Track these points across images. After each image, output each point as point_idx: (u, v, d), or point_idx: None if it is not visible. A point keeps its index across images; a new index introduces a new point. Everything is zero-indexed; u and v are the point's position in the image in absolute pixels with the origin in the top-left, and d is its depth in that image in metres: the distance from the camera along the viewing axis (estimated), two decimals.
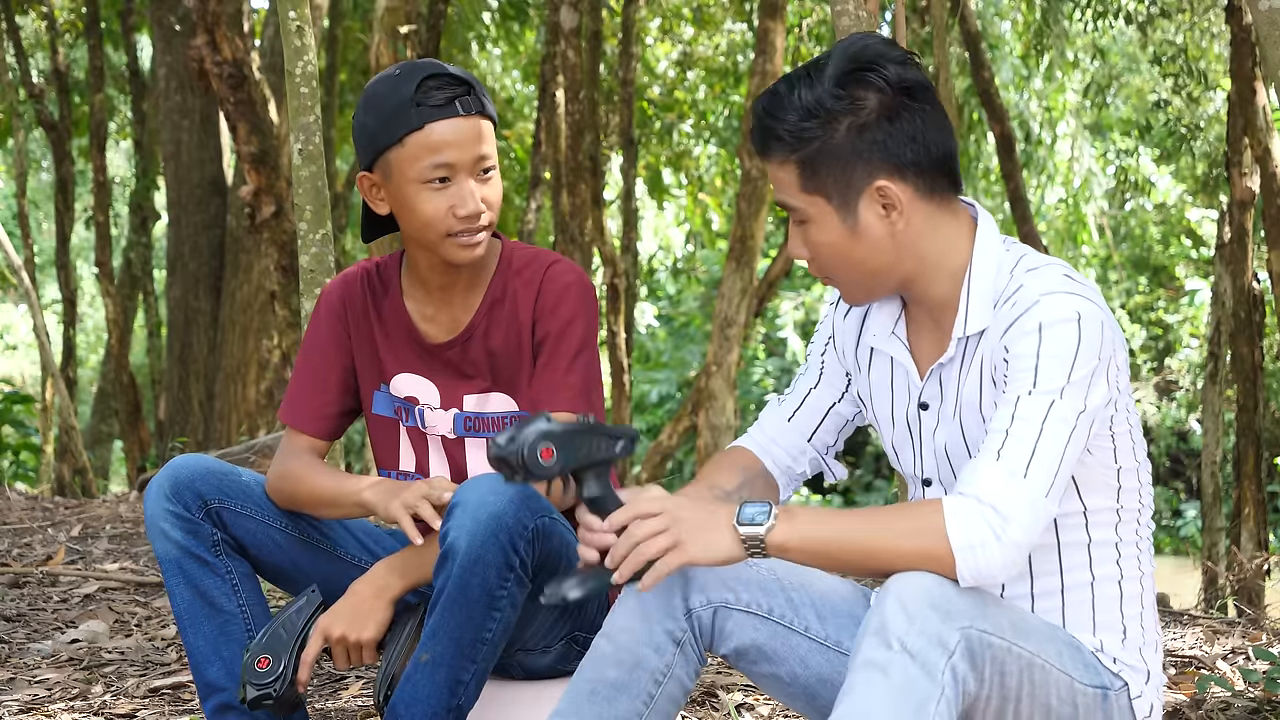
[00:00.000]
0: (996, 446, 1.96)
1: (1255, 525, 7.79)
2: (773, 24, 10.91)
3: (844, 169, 2.04)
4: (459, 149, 2.45)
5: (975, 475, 1.95)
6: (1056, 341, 1.97)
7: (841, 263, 2.10)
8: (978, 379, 2.09)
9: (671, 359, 22.12)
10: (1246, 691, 3.08)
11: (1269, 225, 7.19)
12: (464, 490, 2.32)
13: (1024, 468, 1.94)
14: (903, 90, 2.04)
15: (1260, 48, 3.06)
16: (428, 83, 2.45)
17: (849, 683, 1.88)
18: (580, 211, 10.57)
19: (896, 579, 1.92)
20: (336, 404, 2.66)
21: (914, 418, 2.19)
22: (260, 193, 7.94)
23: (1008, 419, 1.97)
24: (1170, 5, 10.75)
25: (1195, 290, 19.33)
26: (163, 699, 3.35)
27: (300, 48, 3.79)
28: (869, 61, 2.04)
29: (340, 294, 2.67)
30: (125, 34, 12.76)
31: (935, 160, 2.06)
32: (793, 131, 2.05)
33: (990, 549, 1.91)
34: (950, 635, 1.87)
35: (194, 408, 10.85)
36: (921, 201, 2.07)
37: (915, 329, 2.20)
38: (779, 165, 2.08)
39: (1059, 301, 1.99)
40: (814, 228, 2.09)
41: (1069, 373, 1.97)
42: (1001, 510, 1.92)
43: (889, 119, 2.04)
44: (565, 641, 2.57)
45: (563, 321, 2.54)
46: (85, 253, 19.76)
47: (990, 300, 2.07)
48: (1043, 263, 2.07)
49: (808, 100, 2.04)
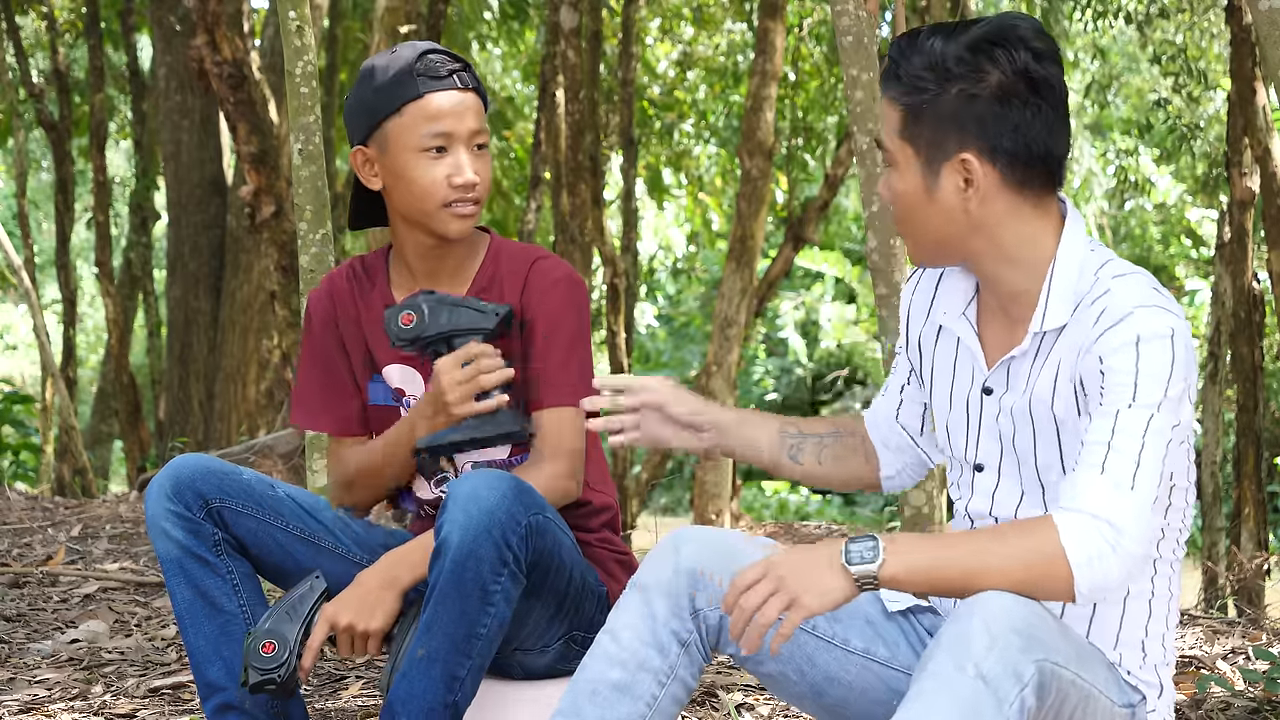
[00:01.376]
0: (1100, 460, 1.95)
1: (1255, 525, 7.79)
2: (773, 24, 10.92)
3: (941, 130, 2.05)
4: (457, 119, 2.51)
5: (1081, 489, 1.94)
6: (1154, 358, 1.97)
7: (912, 217, 2.11)
8: (1052, 377, 2.08)
9: (671, 359, 22.13)
10: (1246, 691, 3.08)
11: (1269, 225, 7.19)
12: (457, 485, 2.33)
13: (1130, 479, 1.93)
14: (1025, 79, 2.03)
15: (1260, 48, 3.06)
16: (428, 56, 2.52)
17: (916, 689, 1.86)
18: (580, 211, 10.57)
19: (981, 597, 1.90)
20: (355, 401, 2.69)
21: (975, 401, 2.18)
22: (260, 193, 7.94)
23: (1108, 432, 1.96)
24: (1170, 5, 10.75)
25: (1195, 290, 19.32)
26: (163, 699, 3.35)
27: (300, 48, 3.79)
28: (1007, 40, 2.04)
29: (327, 295, 2.70)
30: (125, 34, 12.76)
31: (1034, 157, 2.05)
32: (912, 76, 2.06)
33: (1108, 561, 1.90)
34: (1026, 668, 1.86)
35: (194, 408, 10.85)
36: (1008, 190, 2.06)
37: (986, 315, 2.19)
38: (889, 102, 2.10)
39: (1155, 316, 1.99)
40: (898, 174, 2.10)
41: (1165, 389, 1.97)
42: (1115, 523, 1.90)
43: (1001, 101, 2.03)
44: (564, 641, 2.57)
45: (555, 314, 2.56)
46: (85, 253, 19.77)
47: (1071, 299, 2.06)
48: (1129, 270, 2.06)
49: (936, 52, 2.04)
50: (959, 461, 2.22)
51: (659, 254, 20.98)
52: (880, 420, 2.38)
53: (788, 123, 13.29)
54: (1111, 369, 1.98)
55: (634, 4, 12.14)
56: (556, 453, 2.52)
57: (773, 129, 11.14)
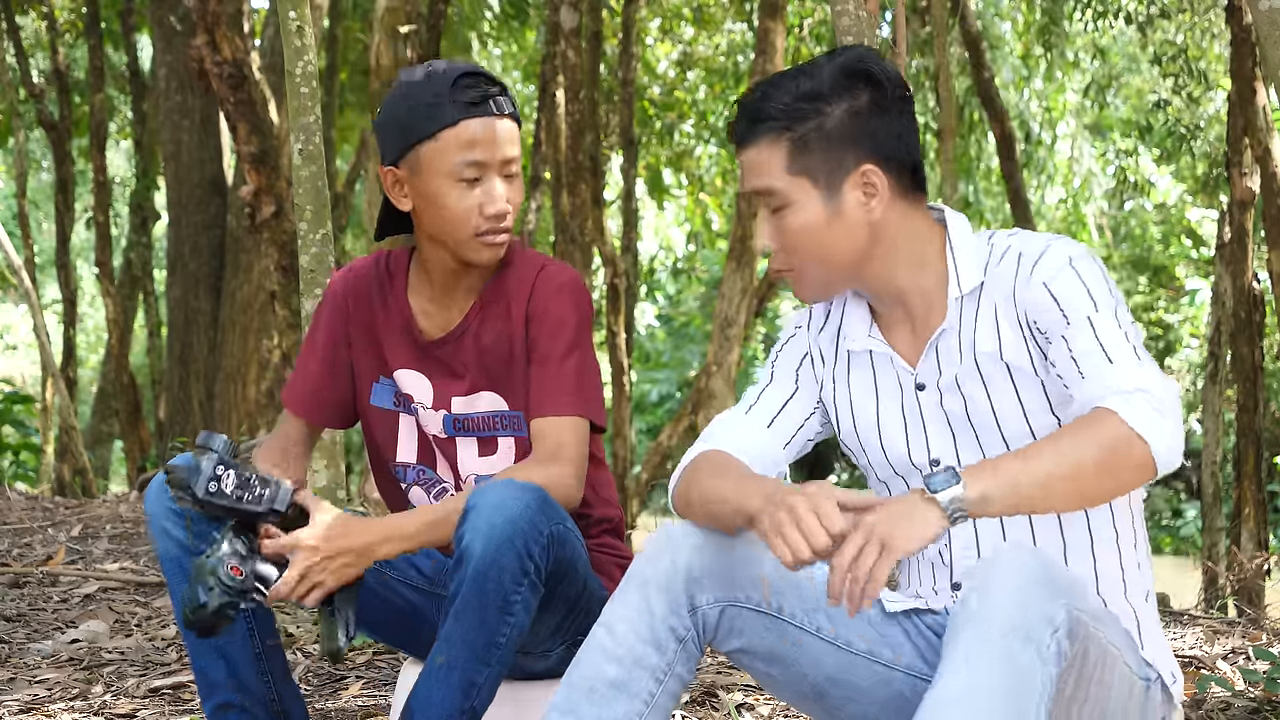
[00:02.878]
0: (1101, 357, 2.02)
1: (1255, 525, 7.79)
2: (773, 24, 10.92)
3: (837, 150, 2.13)
4: (491, 147, 2.47)
5: (1105, 378, 2.00)
6: (1090, 272, 2.09)
7: (813, 248, 2.16)
8: (992, 327, 2.14)
9: (671, 359, 22.14)
10: (1246, 691, 3.08)
11: (1269, 225, 7.19)
12: (480, 495, 2.32)
13: (1135, 356, 2.01)
14: (896, 89, 2.15)
15: (1260, 48, 3.06)
16: (464, 80, 2.47)
17: (952, 659, 1.84)
18: (580, 211, 10.57)
19: (998, 559, 1.90)
20: (330, 390, 2.68)
21: (911, 403, 2.21)
22: (260, 193, 7.94)
23: (1092, 339, 2.04)
24: (1170, 5, 10.75)
25: (1195, 290, 19.33)
26: (163, 699, 3.35)
27: (300, 48, 3.79)
28: (867, 61, 2.16)
29: (344, 286, 2.69)
30: (125, 34, 12.75)
31: (912, 162, 2.17)
32: (788, 110, 2.13)
33: (1168, 422, 1.94)
34: (1057, 612, 1.86)
35: (194, 408, 10.84)
36: (898, 195, 2.17)
37: (890, 329, 2.24)
38: (768, 145, 2.14)
39: (1068, 243, 2.12)
40: (792, 212, 2.15)
41: (1111, 289, 2.09)
42: (1152, 391, 1.96)
43: (882, 112, 2.14)
44: (566, 646, 2.57)
45: (554, 322, 2.55)
46: (85, 253, 19.76)
47: (978, 263, 2.16)
48: (1011, 229, 2.19)
49: (806, 86, 2.13)
50: (909, 470, 2.22)
51: (659, 254, 20.98)
52: (757, 457, 2.27)
53: None
54: (1060, 292, 2.08)
55: (634, 4, 12.14)
56: (555, 458, 2.49)
57: None
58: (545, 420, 2.53)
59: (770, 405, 2.31)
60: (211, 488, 2.32)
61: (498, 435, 2.61)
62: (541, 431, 2.52)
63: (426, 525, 2.45)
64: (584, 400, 2.53)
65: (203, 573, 2.32)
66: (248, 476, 2.36)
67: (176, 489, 2.34)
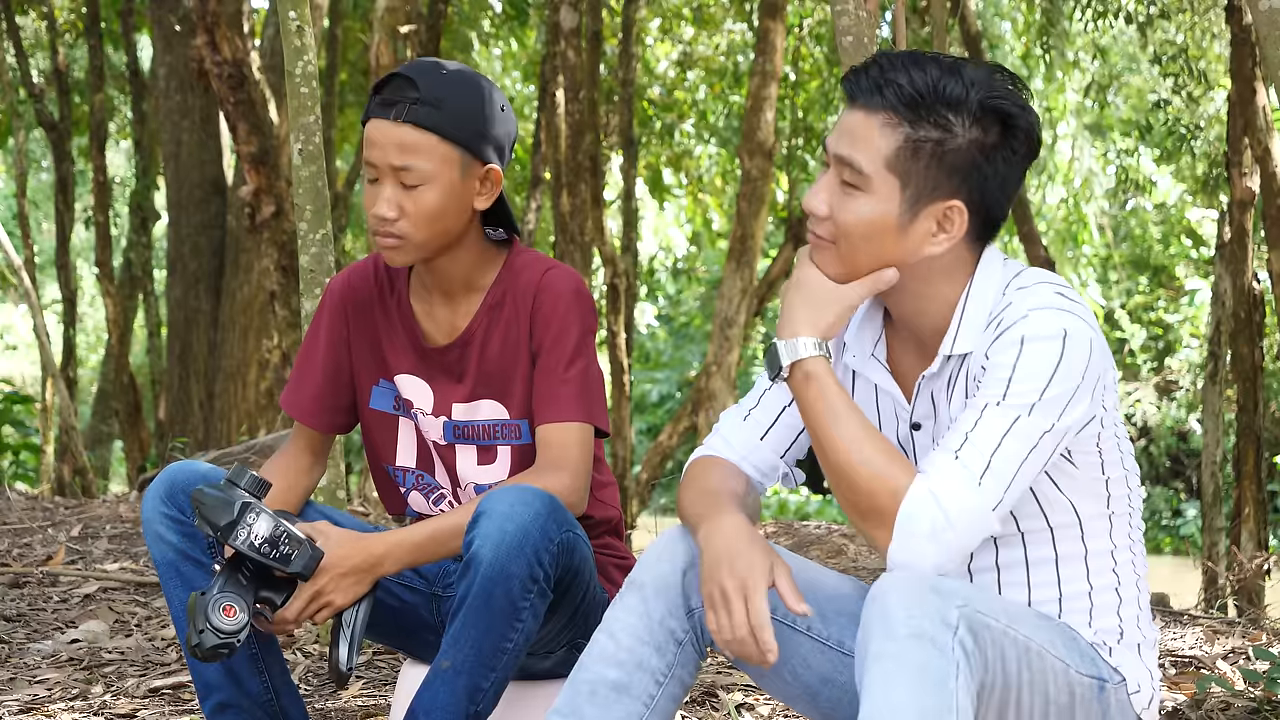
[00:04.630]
0: (957, 446, 1.96)
1: (1255, 525, 7.78)
2: (773, 24, 10.93)
3: (940, 174, 2.01)
4: (380, 150, 2.46)
5: (939, 468, 1.95)
6: (1037, 357, 1.96)
7: (861, 244, 2.05)
8: (963, 396, 2.08)
9: (671, 359, 22.14)
10: (1246, 691, 3.08)
11: (1269, 225, 7.18)
12: (490, 500, 2.32)
13: (979, 477, 1.94)
14: (1027, 142, 2.04)
15: (1260, 48, 3.06)
16: (390, 82, 2.48)
17: (866, 676, 1.86)
18: (580, 211, 10.57)
19: (888, 577, 1.91)
20: (331, 395, 2.67)
21: (906, 439, 2.18)
22: (260, 193, 7.94)
23: (971, 424, 1.97)
24: (1170, 5, 10.74)
25: (1195, 290, 19.32)
26: (163, 699, 3.35)
27: (300, 48, 3.79)
28: (1011, 101, 2.03)
29: (343, 289, 2.68)
30: (125, 34, 12.75)
31: (1000, 216, 2.07)
32: (923, 106, 2.00)
33: (925, 548, 1.92)
34: (950, 613, 1.86)
35: (194, 408, 10.84)
36: (968, 240, 2.07)
37: (899, 349, 2.18)
38: (881, 125, 2.01)
39: (1047, 318, 1.98)
40: (866, 201, 2.03)
41: (1043, 389, 1.95)
42: (950, 514, 1.92)
43: (1002, 158, 2.03)
44: (567, 648, 2.57)
45: (558, 328, 2.54)
46: (85, 253, 19.75)
47: (983, 323, 2.06)
48: (1035, 280, 2.05)
49: (950, 92, 2.00)
50: None
51: (659, 254, 20.98)
52: (756, 463, 2.29)
53: (788, 123, 13.28)
54: (992, 365, 1.99)
55: (634, 4, 12.13)
56: (560, 466, 2.48)
57: (773, 129, 11.15)
58: (550, 427, 2.52)
59: (770, 408, 2.29)
60: (241, 535, 2.29)
61: (497, 444, 2.61)
62: (546, 438, 2.51)
63: (433, 540, 2.45)
64: (589, 407, 2.53)
65: (196, 613, 2.30)
66: (278, 534, 2.32)
67: (201, 520, 2.32)
